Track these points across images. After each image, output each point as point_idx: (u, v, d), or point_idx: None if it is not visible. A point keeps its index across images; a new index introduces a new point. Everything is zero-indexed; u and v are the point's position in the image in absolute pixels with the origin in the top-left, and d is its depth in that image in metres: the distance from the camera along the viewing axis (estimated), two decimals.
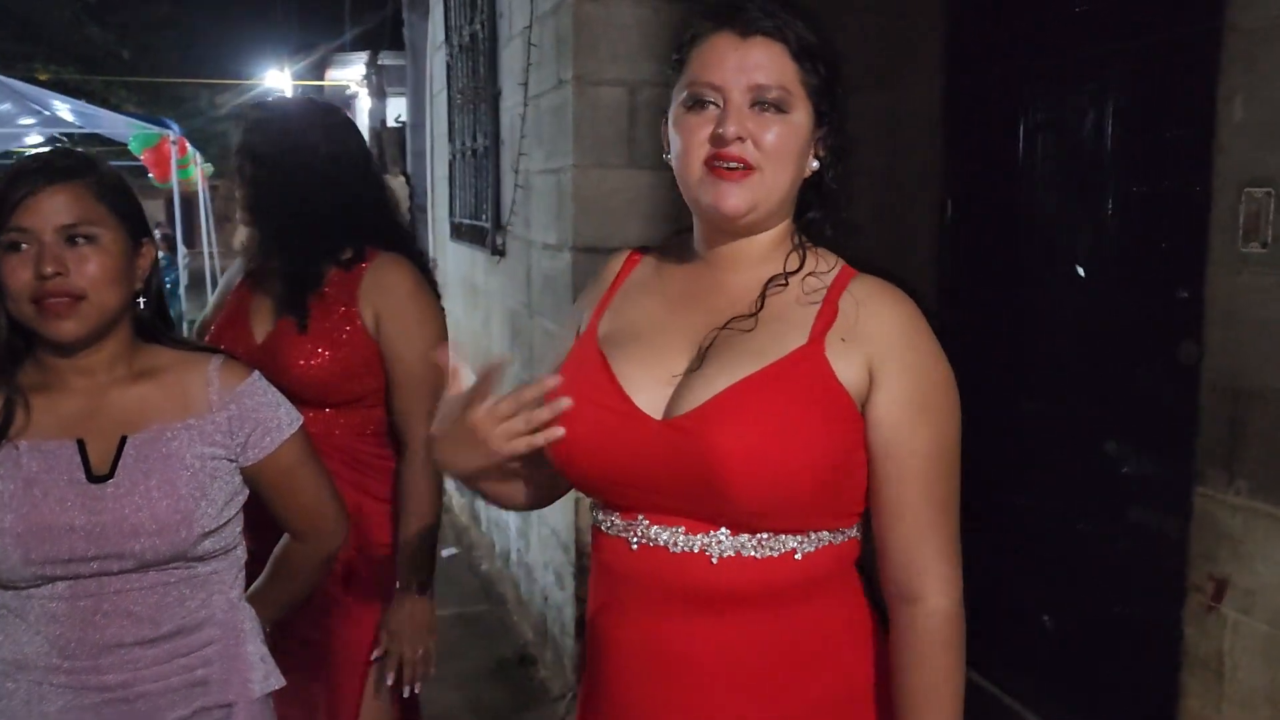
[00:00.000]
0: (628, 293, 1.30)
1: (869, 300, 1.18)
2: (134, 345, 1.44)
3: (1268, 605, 2.03)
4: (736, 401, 1.13)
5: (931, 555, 1.17)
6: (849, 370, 1.15)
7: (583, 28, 2.92)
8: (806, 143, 1.19)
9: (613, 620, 1.22)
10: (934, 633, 1.17)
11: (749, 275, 1.22)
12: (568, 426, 1.17)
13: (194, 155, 10.84)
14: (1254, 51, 2.01)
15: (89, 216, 1.36)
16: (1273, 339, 2.00)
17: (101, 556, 1.34)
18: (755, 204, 1.17)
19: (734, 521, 1.14)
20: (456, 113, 4.91)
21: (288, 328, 1.91)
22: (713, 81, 1.16)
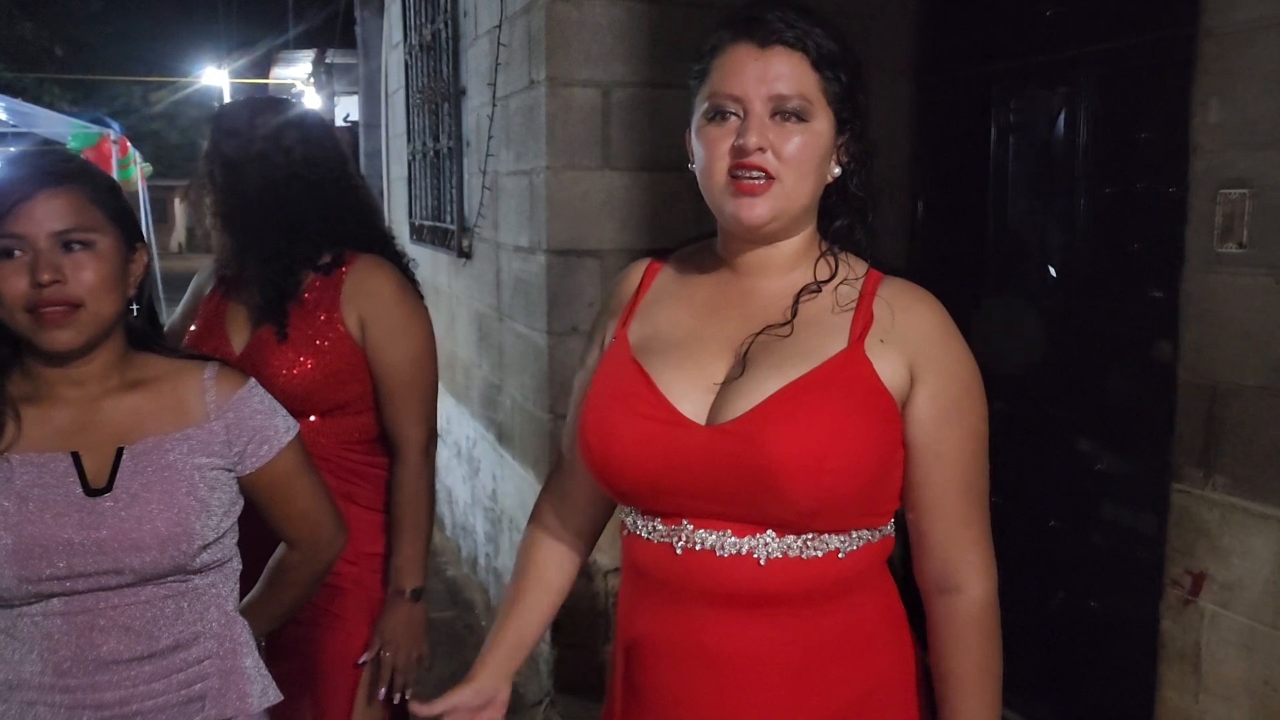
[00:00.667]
0: (653, 302, 1.31)
1: (901, 302, 1.21)
2: (126, 354, 1.40)
3: (1245, 599, 2.08)
4: (786, 405, 1.14)
5: (970, 546, 1.21)
6: (890, 371, 1.17)
7: (555, 28, 2.90)
8: (828, 150, 1.20)
9: (653, 623, 1.23)
10: (976, 620, 1.22)
11: (778, 282, 1.24)
12: (611, 437, 1.19)
13: (134, 155, 10.59)
14: (1229, 55, 2.05)
15: (85, 222, 1.31)
16: (1248, 337, 2.05)
17: (100, 572, 1.30)
18: (777, 214, 1.18)
19: (782, 523, 1.15)
20: (415, 113, 4.85)
21: (267, 337, 1.87)
22: (733, 93, 1.17)
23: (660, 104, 2.93)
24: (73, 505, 1.30)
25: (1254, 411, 2.04)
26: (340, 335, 1.88)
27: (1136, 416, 2.38)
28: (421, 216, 4.78)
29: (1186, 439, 2.18)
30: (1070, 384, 2.59)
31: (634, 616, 1.26)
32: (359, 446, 1.95)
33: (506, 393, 3.61)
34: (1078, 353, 2.57)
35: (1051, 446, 2.64)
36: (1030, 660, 2.73)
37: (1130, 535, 2.41)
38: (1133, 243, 2.39)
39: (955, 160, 3.00)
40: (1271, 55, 1.97)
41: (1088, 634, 2.56)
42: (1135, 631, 2.36)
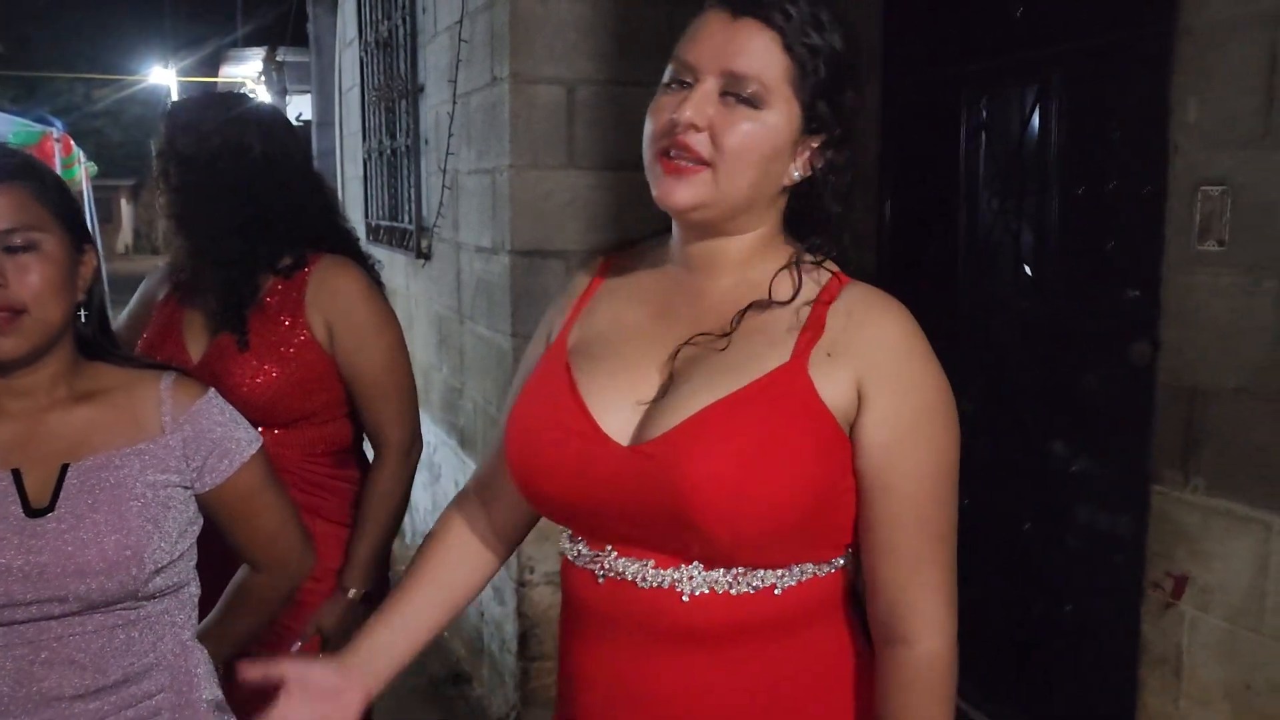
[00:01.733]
0: (601, 300, 1.20)
1: (860, 311, 1.07)
2: (76, 363, 1.30)
3: (1225, 602, 2.05)
4: (710, 426, 1.02)
5: (922, 593, 1.07)
6: (834, 390, 1.04)
7: (519, 23, 2.82)
8: (783, 147, 1.05)
9: (581, 654, 1.14)
10: (924, 679, 1.07)
11: (729, 280, 1.11)
12: (533, 451, 1.10)
13: (78, 154, 10.32)
14: (1207, 53, 2.03)
15: (30, 221, 1.22)
16: (1228, 337, 2.02)
17: (41, 600, 1.19)
18: (702, 203, 1.05)
19: (707, 556, 1.04)
20: (371, 111, 4.75)
21: (227, 345, 1.78)
22: (688, 59, 1.05)
23: (626, 102, 2.86)
24: (11, 527, 1.20)
25: (1234, 413, 2.02)
26: (306, 341, 1.80)
27: (1114, 418, 2.36)
28: (378, 217, 4.68)
29: (1166, 441, 2.16)
30: (1047, 386, 2.57)
31: (567, 646, 1.17)
32: (324, 458, 1.87)
33: (468, 396, 3.52)
34: (1054, 354, 2.54)
35: (1028, 449, 2.62)
36: (1009, 666, 2.70)
37: (1109, 539, 2.39)
38: (1109, 242, 2.37)
39: (926, 161, 2.97)
40: (1250, 53, 1.95)
41: (1067, 639, 2.54)
42: (1115, 636, 2.33)
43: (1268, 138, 1.93)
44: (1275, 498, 1.95)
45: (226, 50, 12.46)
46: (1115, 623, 2.34)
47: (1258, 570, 1.99)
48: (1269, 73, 1.92)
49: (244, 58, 11.57)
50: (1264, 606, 1.98)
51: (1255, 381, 1.98)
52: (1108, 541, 2.40)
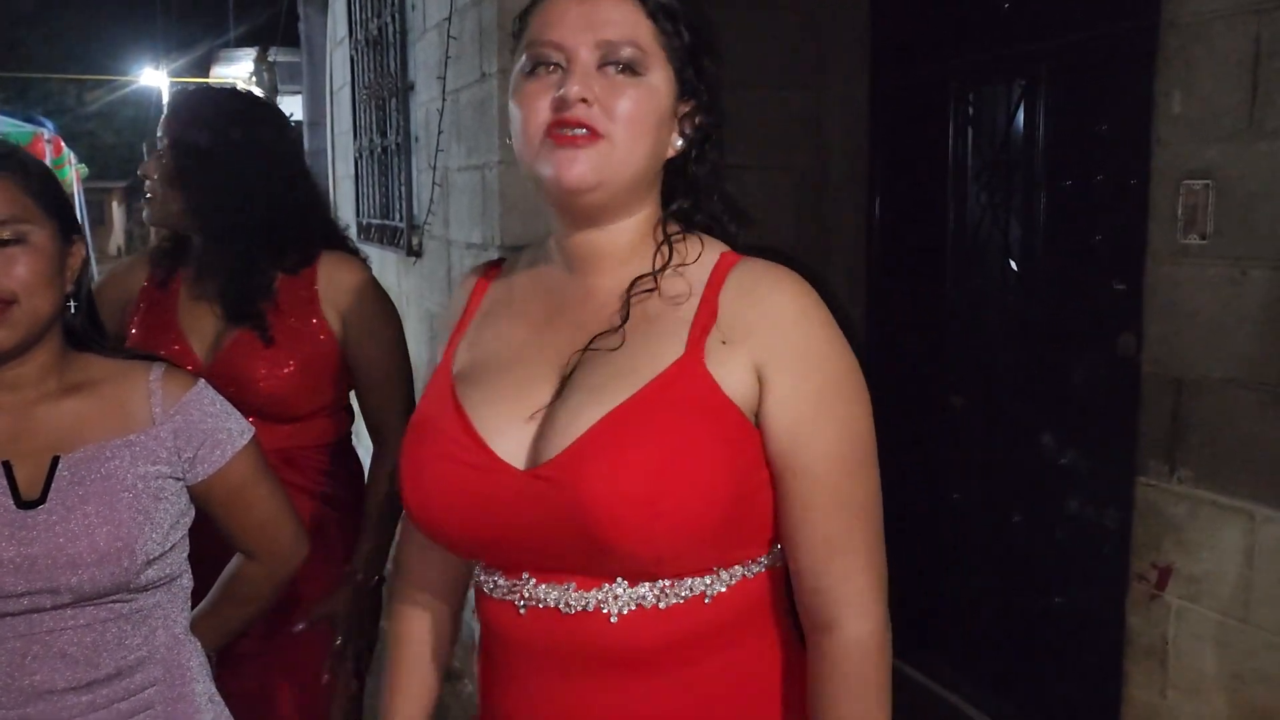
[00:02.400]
0: (485, 316, 1.13)
1: (751, 289, 1.02)
2: (65, 355, 1.30)
3: (1212, 592, 2.06)
4: (608, 438, 0.96)
5: (846, 576, 1.01)
6: (734, 379, 0.99)
7: (508, 20, 2.81)
8: (667, 113, 1.03)
9: (505, 693, 1.07)
10: (852, 665, 1.02)
11: (614, 278, 1.05)
12: (420, 484, 1.04)
13: (69, 155, 10.30)
14: (1190, 46, 2.04)
15: (17, 213, 1.22)
16: (1212, 329, 2.03)
17: (32, 592, 1.19)
18: (602, 176, 0.99)
19: (628, 572, 0.98)
20: (362, 109, 4.74)
21: (248, 341, 1.79)
22: (553, 39, 1.00)
23: None
24: (2, 520, 1.20)
25: (1219, 403, 2.03)
26: (323, 335, 1.84)
27: (1100, 410, 2.37)
28: (369, 215, 4.68)
29: (1151, 432, 2.17)
30: (1033, 378, 2.58)
31: (487, 686, 1.10)
32: (336, 448, 1.93)
33: None
34: (1040, 347, 2.55)
35: (1015, 441, 2.63)
36: (995, 658, 2.71)
37: (1095, 530, 2.40)
38: (1095, 236, 2.38)
39: (913, 156, 2.98)
40: (1233, 45, 1.96)
41: (1053, 630, 2.55)
42: (1101, 627, 2.34)
43: (1251, 130, 1.94)
44: (1261, 488, 1.96)
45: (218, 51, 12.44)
46: (1101, 614, 2.35)
47: (1244, 560, 2.00)
48: (1253, 65, 1.93)
49: (235, 58, 11.55)
50: (1250, 597, 1.99)
51: (1240, 373, 1.99)
52: (1094, 533, 2.41)
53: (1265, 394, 1.95)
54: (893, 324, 2.92)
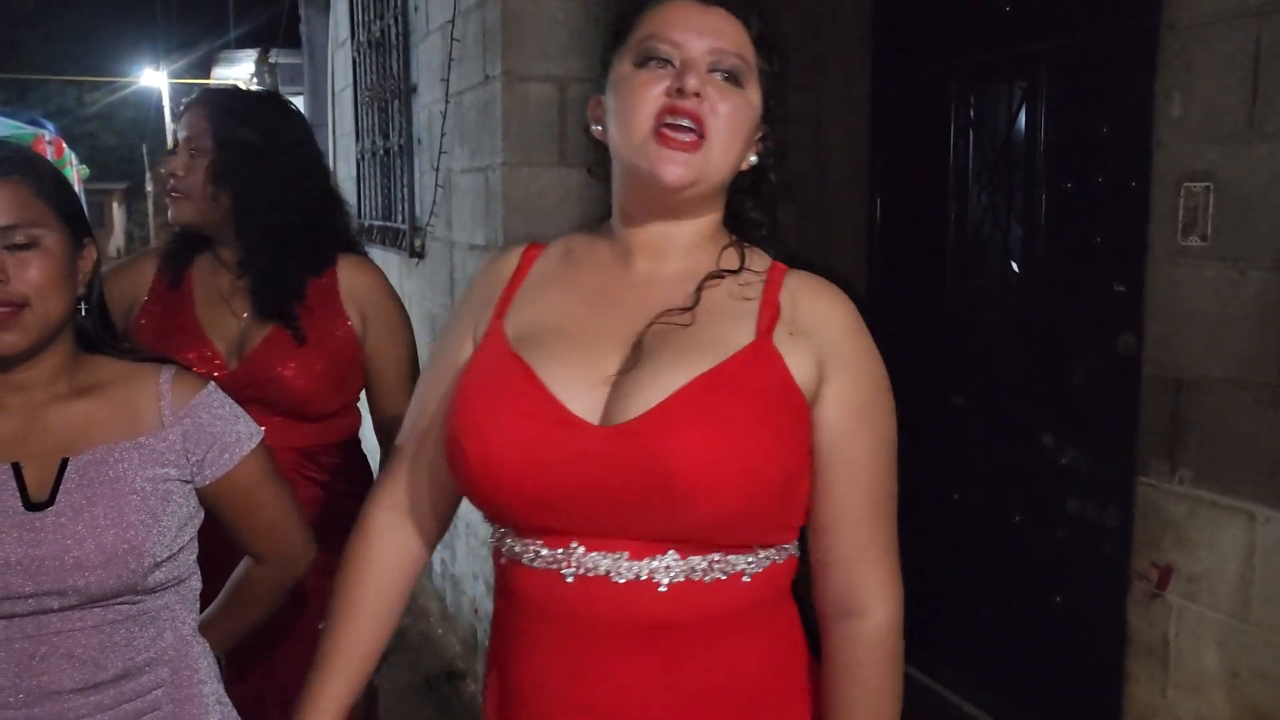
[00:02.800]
0: (533, 288, 1.17)
1: (807, 296, 1.12)
2: (76, 357, 1.31)
3: (1212, 591, 2.07)
4: (692, 402, 1.02)
5: (874, 566, 1.11)
6: (799, 366, 1.07)
7: (511, 22, 2.84)
8: (755, 128, 1.12)
9: (536, 668, 1.09)
10: (876, 648, 1.11)
11: (676, 267, 1.13)
12: (490, 440, 1.05)
13: (70, 157, 10.30)
14: (1190, 48, 2.05)
15: (30, 217, 1.22)
16: (1212, 329, 2.05)
17: (40, 593, 1.20)
18: (697, 179, 1.07)
19: (685, 539, 1.04)
20: (364, 111, 4.75)
21: (278, 341, 1.82)
22: (673, 37, 1.07)
23: None
24: (11, 521, 1.20)
25: (1219, 403, 2.04)
26: (348, 334, 1.87)
27: (1101, 410, 2.38)
28: (371, 217, 4.68)
29: (1152, 432, 2.18)
30: (1034, 379, 2.59)
31: (513, 656, 1.12)
32: (355, 445, 1.97)
33: None
34: (1041, 347, 2.56)
35: (1016, 442, 2.64)
36: (996, 657, 2.72)
37: (1096, 530, 2.41)
38: (1095, 237, 2.39)
39: (914, 156, 2.99)
40: (1233, 47, 1.97)
41: (1054, 630, 2.56)
42: (1102, 626, 2.36)
43: (1251, 132, 1.95)
44: (1260, 487, 1.97)
45: (218, 52, 12.43)
46: (1102, 613, 2.36)
47: (1244, 560, 2.01)
48: (1253, 67, 1.94)
49: (236, 59, 11.55)
50: (1250, 596, 2.00)
51: (1240, 373, 2.00)
52: (1095, 533, 2.42)
53: (1264, 394, 1.96)
54: (893, 324, 2.93)
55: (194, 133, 1.82)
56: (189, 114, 1.85)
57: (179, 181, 1.82)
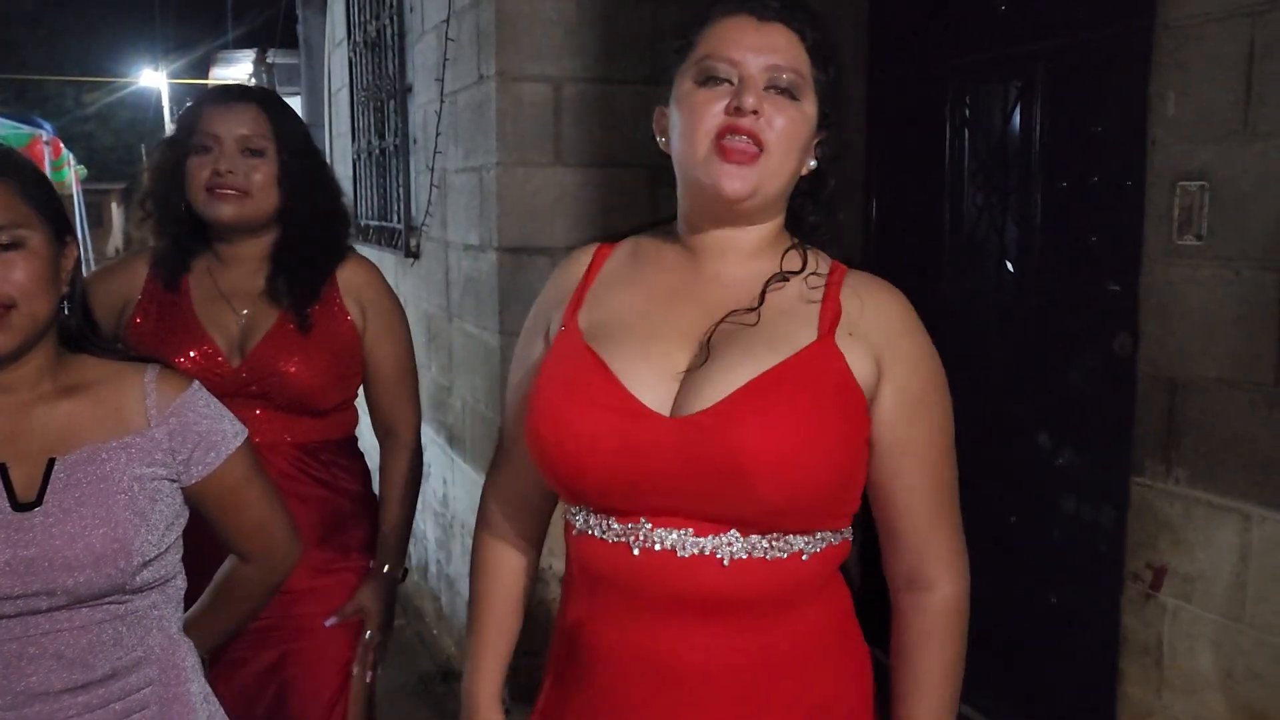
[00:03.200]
0: (605, 287, 1.24)
1: (868, 294, 1.18)
2: (60, 357, 1.30)
3: (1206, 591, 2.07)
4: (758, 397, 1.09)
5: (943, 543, 1.19)
6: (860, 365, 1.14)
7: (505, 22, 2.84)
8: (811, 137, 1.18)
9: (606, 632, 1.17)
10: (945, 618, 1.20)
11: (741, 269, 1.19)
12: (566, 429, 1.12)
13: (68, 157, 10.32)
14: (1185, 48, 2.05)
15: (14, 219, 1.22)
16: (1207, 329, 2.04)
17: (28, 594, 1.19)
18: (757, 189, 1.13)
19: (747, 521, 1.10)
20: (360, 111, 4.75)
21: (282, 336, 1.83)
22: (731, 56, 1.13)
23: (612, 100, 2.87)
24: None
25: (1214, 403, 2.04)
26: (348, 330, 1.89)
27: (1096, 410, 2.38)
28: (367, 216, 4.68)
29: (1147, 432, 2.17)
30: (1029, 379, 2.59)
31: (584, 622, 1.19)
32: (348, 442, 1.98)
33: (457, 394, 3.53)
34: (1036, 347, 2.56)
35: (1011, 442, 2.63)
36: (991, 657, 2.72)
37: (1091, 530, 2.41)
38: (1090, 236, 2.39)
39: (911, 156, 2.98)
40: (1228, 46, 1.96)
41: (1049, 630, 2.55)
42: (1097, 627, 2.35)
43: (1245, 131, 1.95)
44: (1255, 487, 1.97)
45: (216, 52, 12.42)
46: (1097, 614, 2.35)
47: (1238, 560, 2.01)
48: (1246, 67, 1.94)
49: (234, 60, 11.53)
50: (1245, 596, 2.00)
51: (1234, 373, 1.99)
52: (1090, 533, 2.41)
53: (1259, 394, 1.96)
54: None
55: (253, 131, 1.82)
56: (238, 111, 1.83)
57: (235, 179, 1.80)
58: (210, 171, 1.80)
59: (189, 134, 1.83)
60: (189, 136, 1.83)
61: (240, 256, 1.87)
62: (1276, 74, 1.89)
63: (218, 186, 1.80)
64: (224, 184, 1.80)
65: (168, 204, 1.86)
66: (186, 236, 1.87)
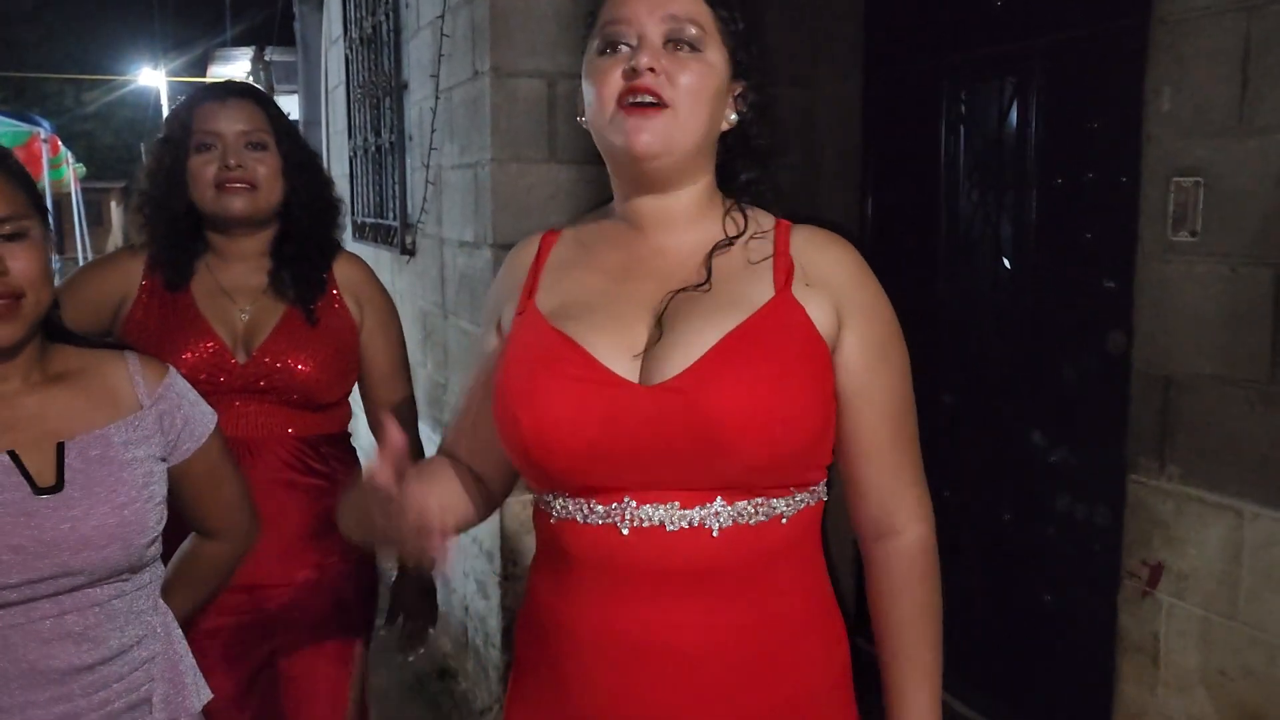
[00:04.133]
0: (556, 271, 1.24)
1: (816, 247, 1.18)
2: (45, 346, 1.34)
3: (1201, 589, 2.06)
4: (728, 358, 1.10)
5: (906, 490, 1.21)
6: (820, 315, 1.14)
7: (499, 17, 2.82)
8: (722, 88, 1.17)
9: (585, 616, 1.15)
10: (916, 561, 1.21)
11: (685, 238, 1.19)
12: (542, 407, 1.11)
13: (66, 155, 10.31)
14: (1180, 43, 2.04)
15: (18, 210, 1.25)
16: (1201, 326, 2.03)
17: (54, 576, 1.23)
18: (668, 143, 1.12)
19: (731, 485, 1.10)
20: (356, 108, 4.73)
21: (287, 332, 1.84)
22: (624, 17, 1.14)
23: None
24: (20, 507, 1.22)
25: (1208, 400, 2.03)
26: (348, 323, 1.91)
27: (1091, 407, 2.37)
28: (364, 214, 4.67)
29: (1141, 429, 2.17)
30: (1024, 376, 2.58)
31: (563, 610, 1.17)
32: (345, 437, 1.99)
33: (452, 391, 3.52)
34: (1032, 345, 2.55)
35: (1006, 439, 2.62)
36: (987, 655, 2.71)
37: (1086, 527, 2.40)
38: (1086, 233, 2.38)
39: (906, 153, 2.97)
40: (1223, 41, 1.96)
41: (1044, 628, 2.54)
42: (1092, 624, 2.34)
43: (1241, 126, 1.94)
44: (1247, 485, 1.96)
45: (214, 50, 12.41)
46: (1093, 611, 2.35)
47: (1231, 557, 2.00)
48: (1241, 62, 1.93)
49: (232, 58, 11.52)
50: (1238, 593, 1.99)
51: (1228, 370, 1.99)
52: (1085, 530, 2.40)
53: (1252, 391, 1.95)
54: None
55: (253, 125, 1.83)
56: (236, 107, 1.83)
57: (244, 173, 1.81)
58: (217, 167, 1.80)
59: (185, 133, 1.83)
60: (186, 136, 1.82)
61: (241, 252, 1.88)
62: (1272, 69, 1.88)
63: (227, 181, 1.81)
64: (233, 178, 1.81)
65: (168, 205, 1.85)
66: (186, 236, 1.87)
